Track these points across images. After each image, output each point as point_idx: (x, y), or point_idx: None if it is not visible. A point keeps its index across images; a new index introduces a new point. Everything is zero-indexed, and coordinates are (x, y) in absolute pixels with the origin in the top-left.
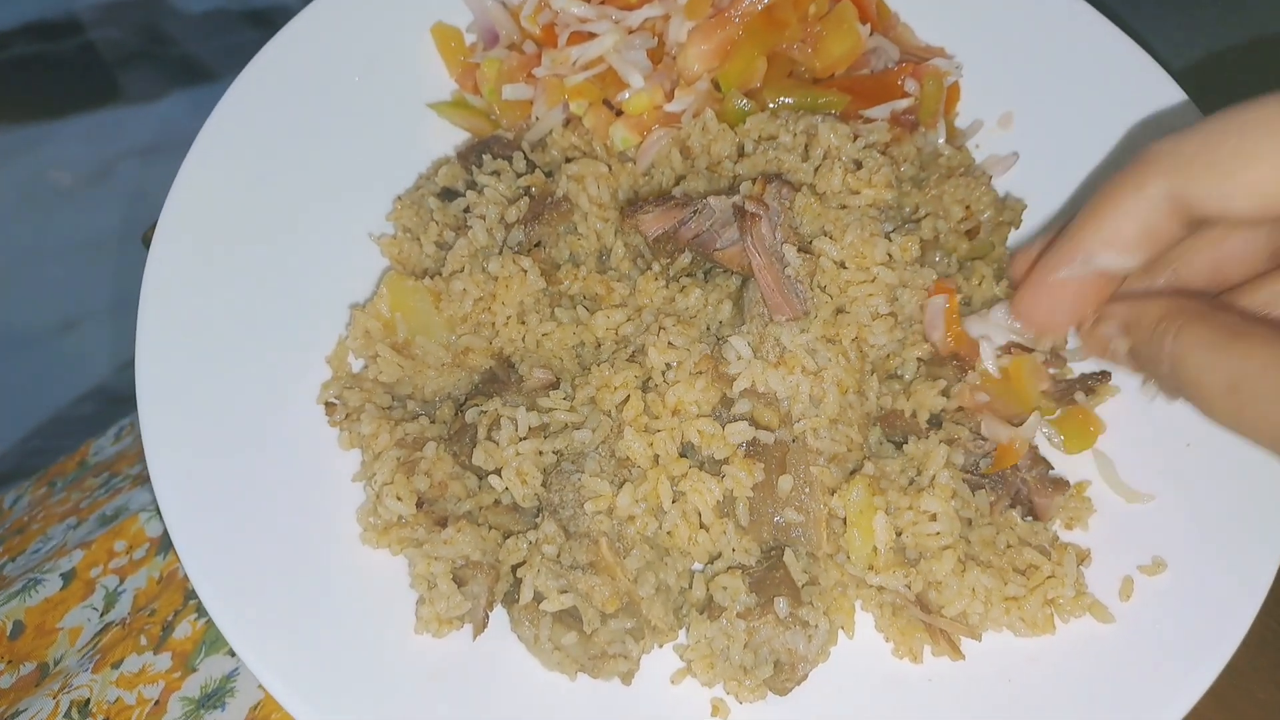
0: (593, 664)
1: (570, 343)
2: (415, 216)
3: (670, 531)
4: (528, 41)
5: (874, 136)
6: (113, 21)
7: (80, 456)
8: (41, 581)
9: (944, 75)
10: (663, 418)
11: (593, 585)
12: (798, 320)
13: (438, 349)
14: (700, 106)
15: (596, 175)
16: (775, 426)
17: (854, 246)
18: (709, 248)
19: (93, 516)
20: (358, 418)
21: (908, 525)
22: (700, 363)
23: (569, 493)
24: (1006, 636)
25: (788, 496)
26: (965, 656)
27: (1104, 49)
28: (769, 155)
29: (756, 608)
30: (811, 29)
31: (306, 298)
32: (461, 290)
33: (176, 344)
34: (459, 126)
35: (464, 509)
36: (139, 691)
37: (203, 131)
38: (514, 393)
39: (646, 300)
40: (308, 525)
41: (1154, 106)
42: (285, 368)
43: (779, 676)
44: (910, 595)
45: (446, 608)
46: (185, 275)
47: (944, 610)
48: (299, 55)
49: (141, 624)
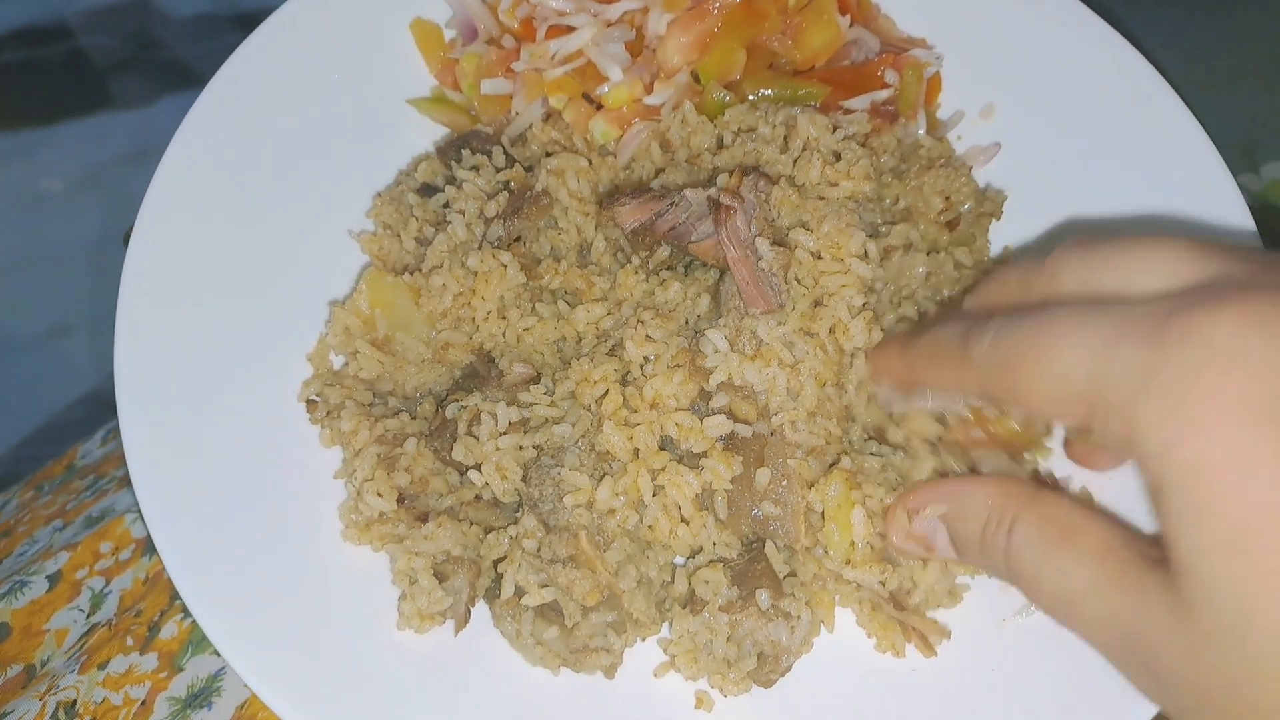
0: (575, 658)
1: (551, 337)
2: (395, 213)
3: (651, 525)
4: (506, 36)
5: (854, 128)
6: (102, 27)
7: (68, 460)
8: (27, 584)
9: (924, 66)
10: (641, 411)
11: (573, 579)
12: (773, 313)
13: (418, 345)
14: (680, 99)
15: (576, 169)
16: (753, 420)
17: (829, 237)
18: (685, 240)
19: (79, 518)
20: (338, 415)
21: (879, 512)
22: (678, 356)
23: (549, 487)
24: (989, 627)
25: (766, 489)
26: (938, 654)
27: (1086, 38)
28: (748, 147)
29: (738, 600)
30: (791, 20)
31: (286, 295)
32: (441, 286)
33: (156, 343)
34: (438, 122)
35: (445, 504)
36: (125, 692)
37: (180, 130)
38: (494, 388)
39: (626, 294)
40: (289, 523)
41: (1136, 96)
42: (265, 365)
43: (763, 668)
44: (884, 592)
45: (428, 603)
46: (164, 273)
47: (921, 607)
48: (277, 52)
49: (128, 625)
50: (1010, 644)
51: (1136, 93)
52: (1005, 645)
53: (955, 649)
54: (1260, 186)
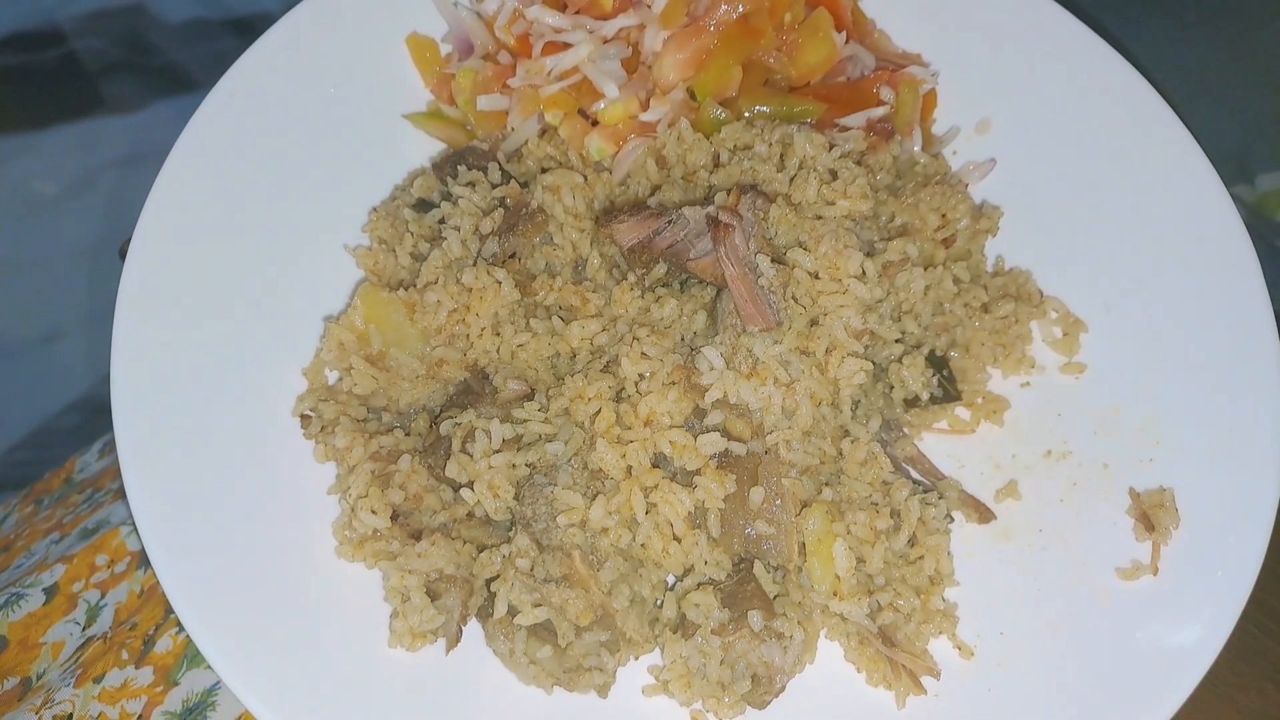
0: (568, 677)
1: (545, 353)
2: (390, 228)
3: (644, 544)
4: (502, 52)
5: (849, 145)
6: (95, 31)
7: (66, 473)
8: (24, 596)
9: (920, 83)
10: (635, 428)
11: (567, 598)
12: (770, 331)
13: (412, 361)
14: (675, 116)
15: (572, 185)
16: (747, 438)
17: (828, 258)
18: (683, 258)
19: (75, 530)
20: (333, 430)
21: (868, 539)
22: (673, 373)
23: (542, 505)
24: (985, 649)
25: (759, 508)
26: (928, 692)
27: (1080, 54)
28: (744, 165)
29: (730, 623)
30: (787, 37)
31: (281, 310)
32: (436, 302)
33: (151, 356)
34: (434, 137)
35: (439, 521)
36: (121, 706)
37: (178, 143)
38: (488, 404)
39: (621, 310)
40: (283, 538)
41: (1130, 110)
42: (260, 380)
43: (757, 690)
44: (873, 628)
45: (420, 621)
46: (160, 287)
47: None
48: (274, 66)
49: (123, 638)
50: (1009, 665)
51: (1130, 107)
52: (1004, 666)
53: (951, 672)
54: (1254, 197)
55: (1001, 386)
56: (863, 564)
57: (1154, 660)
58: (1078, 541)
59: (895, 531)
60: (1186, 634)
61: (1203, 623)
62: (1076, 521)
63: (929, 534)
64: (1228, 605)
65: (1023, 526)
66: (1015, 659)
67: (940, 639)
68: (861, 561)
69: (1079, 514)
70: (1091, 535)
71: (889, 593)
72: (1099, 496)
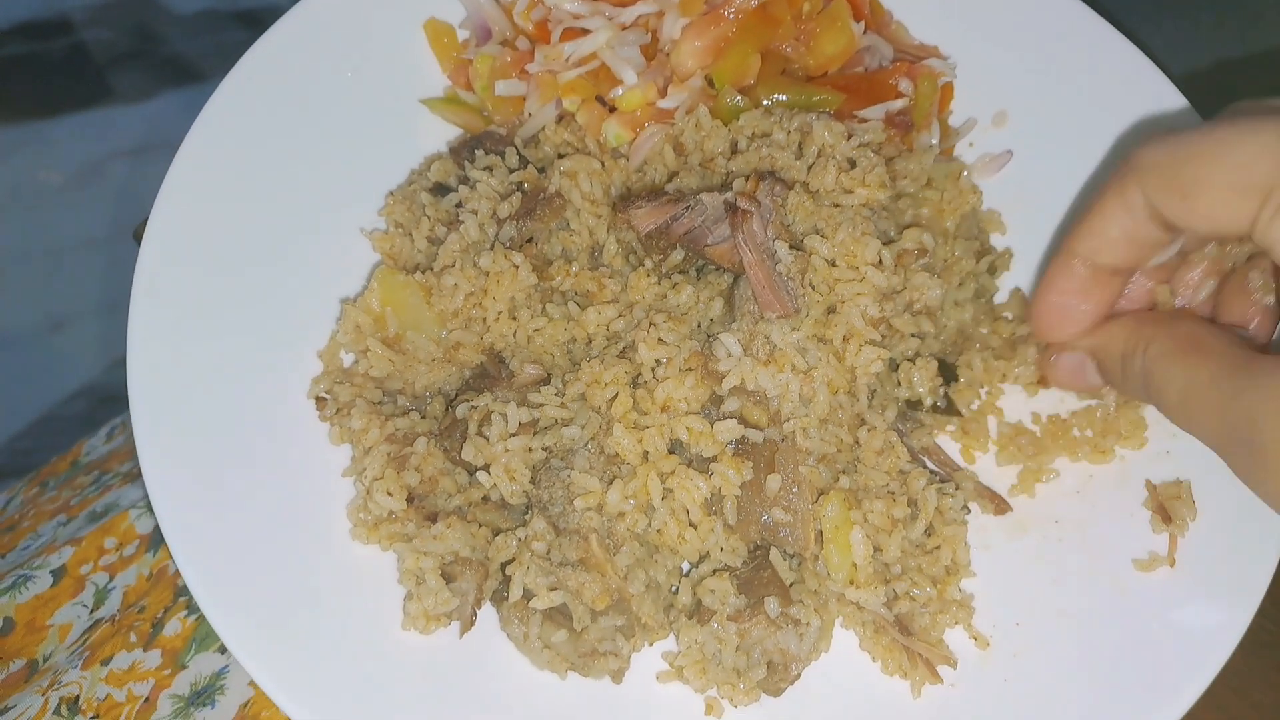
0: (583, 662)
1: (561, 339)
2: (407, 212)
3: (660, 529)
4: (520, 37)
5: (868, 136)
6: (103, 21)
7: (73, 456)
8: (32, 578)
9: (938, 76)
10: (652, 414)
11: (582, 582)
12: (788, 318)
13: (428, 344)
14: (694, 103)
15: (589, 171)
16: (764, 425)
17: (845, 245)
18: (700, 244)
19: (83, 513)
20: (348, 413)
21: (885, 527)
22: (690, 359)
23: (558, 489)
24: (1001, 640)
25: (776, 496)
26: (944, 681)
27: (1097, 46)
28: (762, 152)
29: (746, 609)
30: (805, 26)
31: (298, 292)
32: (453, 285)
33: (167, 340)
34: (451, 122)
35: (454, 504)
36: (129, 689)
37: (194, 127)
38: (504, 388)
39: (638, 296)
40: (298, 520)
41: (1147, 104)
42: (276, 362)
43: (772, 677)
44: (890, 616)
45: (434, 604)
46: (176, 271)
47: (930, 628)
48: (290, 51)
49: (131, 621)
50: (1024, 656)
51: (1147, 100)
52: (1018, 658)
53: (967, 661)
54: None
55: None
56: (879, 553)
57: (1171, 652)
58: (1094, 533)
59: (912, 521)
60: (1204, 626)
61: (1220, 615)
62: (1093, 513)
63: (946, 524)
64: (1246, 597)
65: (1039, 518)
66: (1032, 649)
67: (956, 629)
68: (878, 550)
69: (1095, 506)
70: (1108, 527)
71: (905, 582)
72: (1115, 488)
